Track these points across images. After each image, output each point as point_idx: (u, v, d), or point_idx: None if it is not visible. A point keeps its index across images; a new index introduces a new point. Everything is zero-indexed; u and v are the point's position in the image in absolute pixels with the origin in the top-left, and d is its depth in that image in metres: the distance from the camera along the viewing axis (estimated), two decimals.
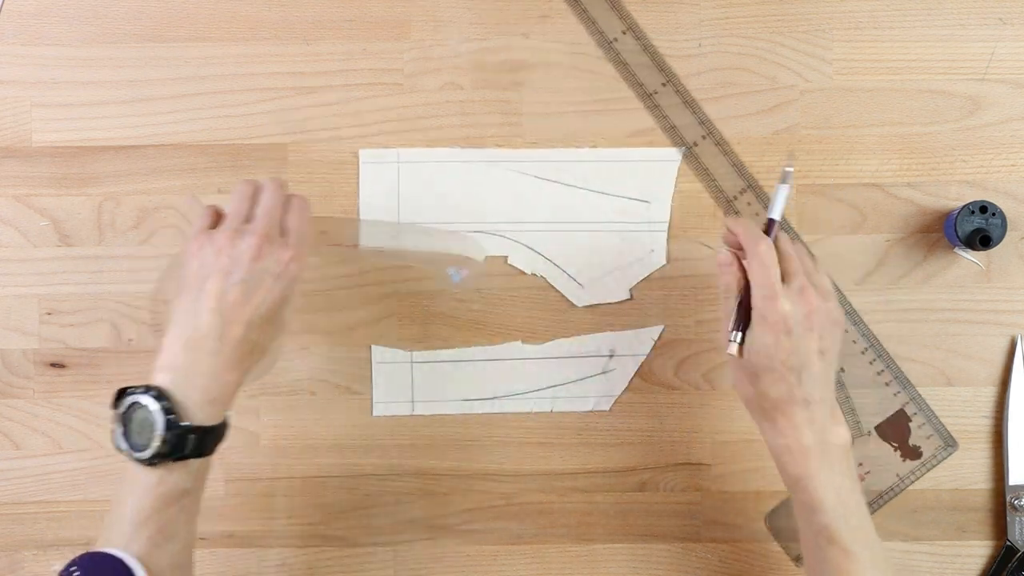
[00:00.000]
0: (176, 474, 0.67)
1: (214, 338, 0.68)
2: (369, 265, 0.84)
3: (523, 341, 0.85)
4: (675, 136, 0.84)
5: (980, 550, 0.85)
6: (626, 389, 0.85)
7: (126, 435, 0.67)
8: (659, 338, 0.85)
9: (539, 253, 0.85)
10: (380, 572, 0.85)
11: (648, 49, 0.84)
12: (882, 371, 0.84)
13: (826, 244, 0.85)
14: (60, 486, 0.85)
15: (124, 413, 0.67)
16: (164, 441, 0.66)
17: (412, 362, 0.85)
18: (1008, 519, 0.84)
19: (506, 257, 0.85)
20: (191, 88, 0.85)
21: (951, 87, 0.85)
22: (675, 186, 0.85)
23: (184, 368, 0.68)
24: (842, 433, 0.71)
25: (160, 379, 0.67)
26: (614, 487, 0.85)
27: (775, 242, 0.72)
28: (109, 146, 0.85)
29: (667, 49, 0.85)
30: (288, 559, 0.85)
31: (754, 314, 0.70)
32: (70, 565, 0.65)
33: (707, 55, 0.85)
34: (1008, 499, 0.83)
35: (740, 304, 0.72)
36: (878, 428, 0.84)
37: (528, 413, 0.85)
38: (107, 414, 0.85)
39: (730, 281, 0.72)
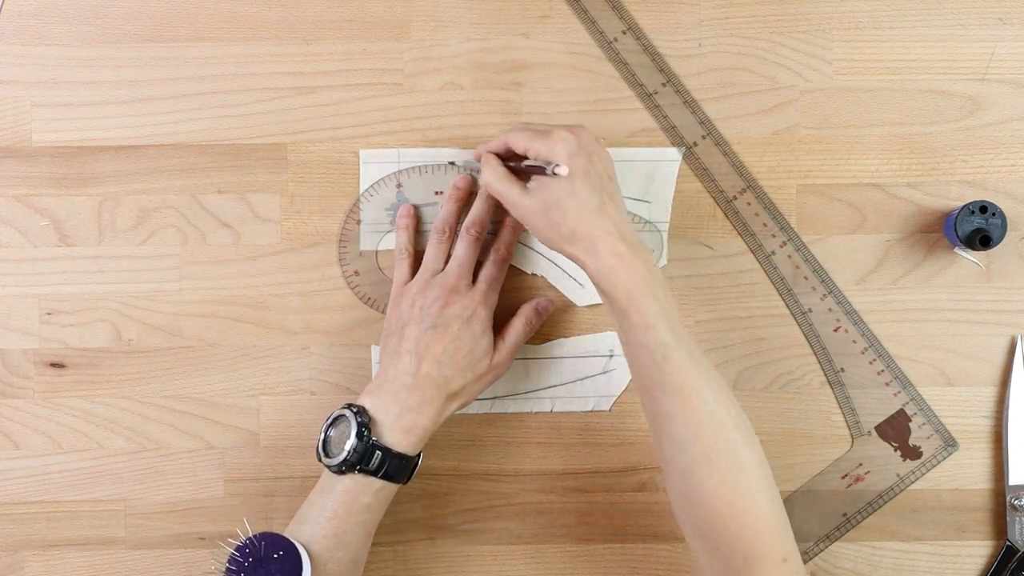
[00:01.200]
0: (360, 487, 0.75)
1: (410, 374, 0.76)
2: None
3: None
4: (675, 136, 0.84)
5: (980, 550, 0.85)
6: (626, 389, 0.85)
7: (326, 445, 0.76)
8: None
9: (540, 253, 0.85)
10: (380, 572, 0.85)
11: (648, 49, 0.84)
12: (882, 371, 0.84)
13: (826, 244, 0.85)
14: (60, 486, 0.85)
15: (329, 425, 0.76)
16: (353, 450, 0.74)
17: None
18: (1008, 519, 0.84)
19: None
20: (191, 88, 0.85)
21: (951, 87, 0.85)
22: (675, 187, 0.85)
23: (384, 397, 0.76)
24: (650, 254, 0.74)
25: (364, 401, 0.76)
26: (614, 487, 0.85)
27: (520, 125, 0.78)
28: (109, 146, 0.85)
29: (667, 49, 0.85)
30: None
31: (538, 156, 0.74)
32: (254, 536, 0.72)
33: (707, 55, 0.85)
34: (1008, 499, 0.83)
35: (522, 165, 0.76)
36: (878, 428, 0.84)
37: (528, 413, 0.85)
38: (107, 414, 0.85)
39: (490, 167, 0.78)
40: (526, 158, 0.76)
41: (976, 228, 0.81)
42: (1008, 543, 0.84)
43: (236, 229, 0.85)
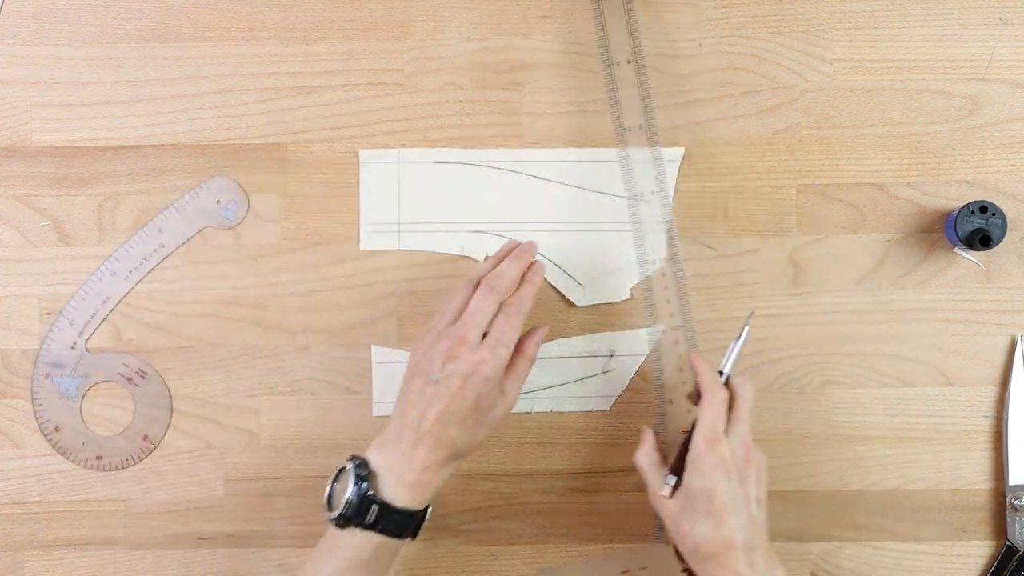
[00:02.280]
0: (359, 542, 0.73)
1: (412, 430, 0.74)
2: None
3: None
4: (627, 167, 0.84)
5: (980, 550, 0.85)
6: (626, 389, 0.85)
7: (330, 498, 0.74)
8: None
9: (539, 253, 0.85)
10: None
11: (643, 86, 0.83)
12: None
13: (826, 244, 0.85)
14: (60, 486, 0.85)
15: (334, 478, 0.74)
16: (348, 503, 0.72)
17: None
18: (1008, 519, 0.84)
19: None
20: (191, 88, 0.85)
21: (951, 87, 0.85)
22: (675, 186, 0.85)
23: (387, 451, 0.74)
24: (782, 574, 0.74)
25: (369, 454, 0.74)
26: (614, 487, 0.85)
27: (731, 384, 0.76)
28: (109, 146, 0.85)
29: (667, 49, 0.85)
30: (288, 559, 0.85)
31: (693, 456, 0.74)
32: None
33: (707, 55, 0.85)
34: (1008, 499, 0.84)
35: (680, 448, 0.75)
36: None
37: (528, 414, 0.85)
38: (107, 414, 0.85)
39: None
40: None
41: (976, 228, 0.81)
42: (1008, 543, 0.84)
43: (236, 229, 0.85)
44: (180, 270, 0.85)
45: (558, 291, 0.85)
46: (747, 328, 0.78)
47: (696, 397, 0.77)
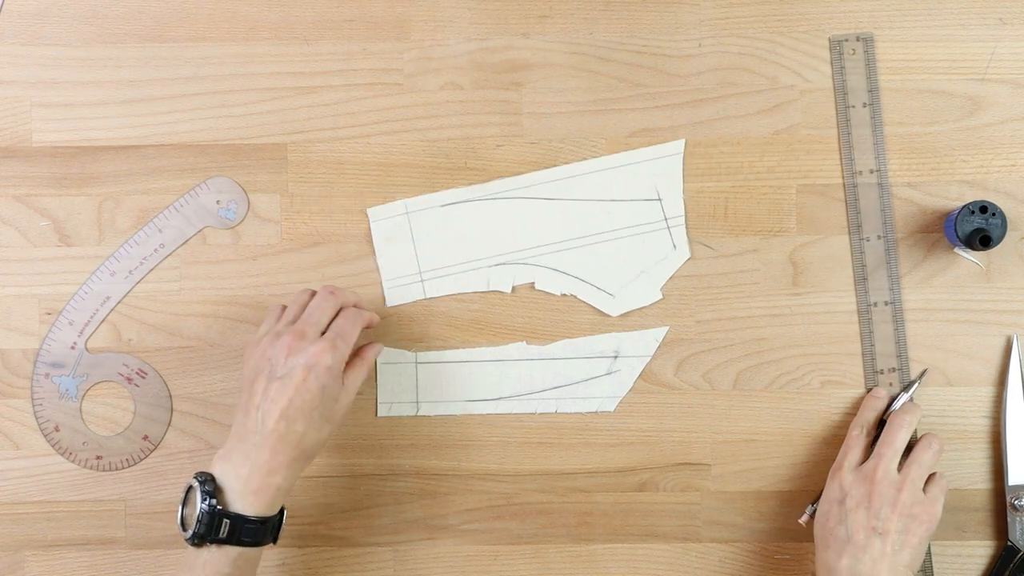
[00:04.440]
0: (217, 558, 0.72)
1: (256, 431, 0.73)
2: None
3: (527, 342, 0.85)
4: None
5: (980, 550, 0.85)
6: (631, 390, 0.85)
7: (184, 520, 0.73)
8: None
9: (564, 272, 0.85)
10: (380, 572, 0.85)
11: (883, 196, 0.84)
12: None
13: (826, 244, 0.85)
14: (60, 486, 0.85)
15: (185, 496, 0.73)
16: (199, 521, 0.71)
17: (416, 363, 0.85)
18: (1008, 519, 0.84)
19: (533, 284, 0.85)
20: (191, 88, 0.85)
21: (951, 87, 0.85)
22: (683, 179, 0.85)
23: (233, 459, 0.73)
24: None
25: (214, 467, 0.73)
26: (614, 487, 0.85)
27: (897, 414, 0.81)
28: (109, 146, 0.85)
29: (667, 49, 0.85)
30: (288, 559, 0.85)
31: (827, 483, 0.79)
32: None
33: (707, 55, 0.85)
34: (1008, 499, 0.83)
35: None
36: None
37: (529, 414, 0.85)
38: (107, 414, 0.85)
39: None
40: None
41: (976, 228, 0.81)
42: (1009, 543, 0.83)
43: (236, 229, 0.85)
44: (180, 270, 0.85)
45: (592, 306, 0.85)
46: (916, 385, 0.84)
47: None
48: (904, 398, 0.83)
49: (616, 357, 0.85)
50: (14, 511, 0.85)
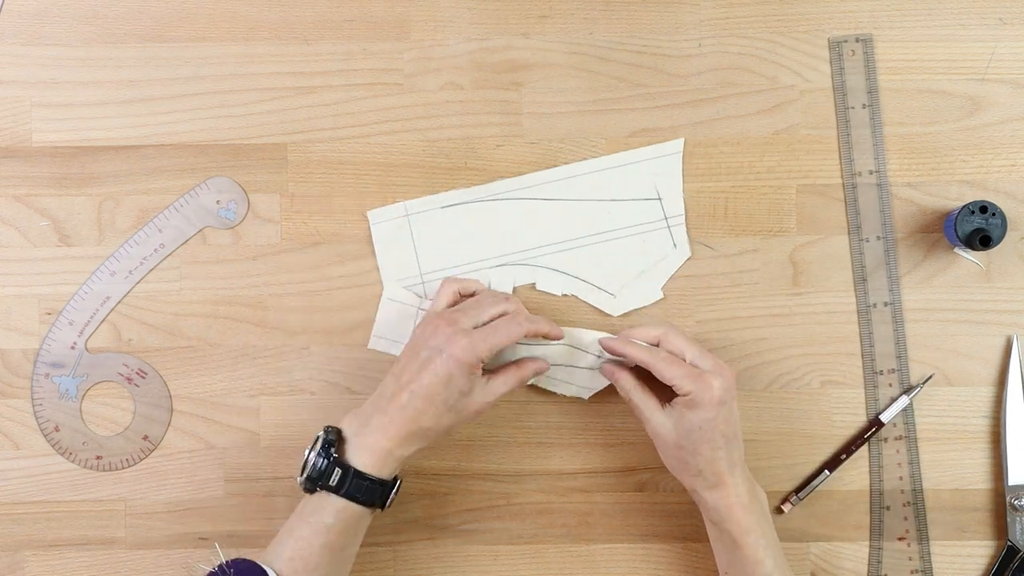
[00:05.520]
0: (323, 506, 0.74)
1: (383, 396, 0.76)
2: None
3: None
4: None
5: (980, 550, 0.85)
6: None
7: (304, 466, 0.75)
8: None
9: (565, 273, 0.85)
10: (380, 572, 0.85)
11: (883, 196, 0.84)
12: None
13: (826, 244, 0.85)
14: (60, 486, 0.85)
15: (311, 448, 0.75)
16: (313, 466, 0.74)
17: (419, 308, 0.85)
18: (1008, 519, 0.84)
19: (534, 284, 0.85)
20: (191, 88, 0.85)
21: (951, 87, 0.85)
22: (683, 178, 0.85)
23: (360, 416, 0.77)
24: (763, 491, 0.79)
25: (343, 420, 0.77)
26: (614, 487, 0.85)
27: (654, 339, 0.79)
28: (109, 146, 0.85)
29: (667, 49, 0.85)
30: None
31: (684, 395, 0.76)
32: (225, 564, 0.73)
33: (707, 55, 0.85)
34: (1008, 499, 0.83)
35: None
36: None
37: (529, 414, 0.85)
38: (107, 414, 0.85)
39: (625, 378, 0.80)
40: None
41: (976, 228, 0.81)
42: (1009, 543, 0.84)
43: (236, 229, 0.85)
44: (180, 270, 0.85)
45: (593, 306, 0.85)
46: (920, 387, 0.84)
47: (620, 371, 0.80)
48: (904, 401, 0.83)
49: (599, 357, 0.83)
50: (14, 511, 0.85)
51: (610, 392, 0.84)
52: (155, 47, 0.85)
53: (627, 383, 0.79)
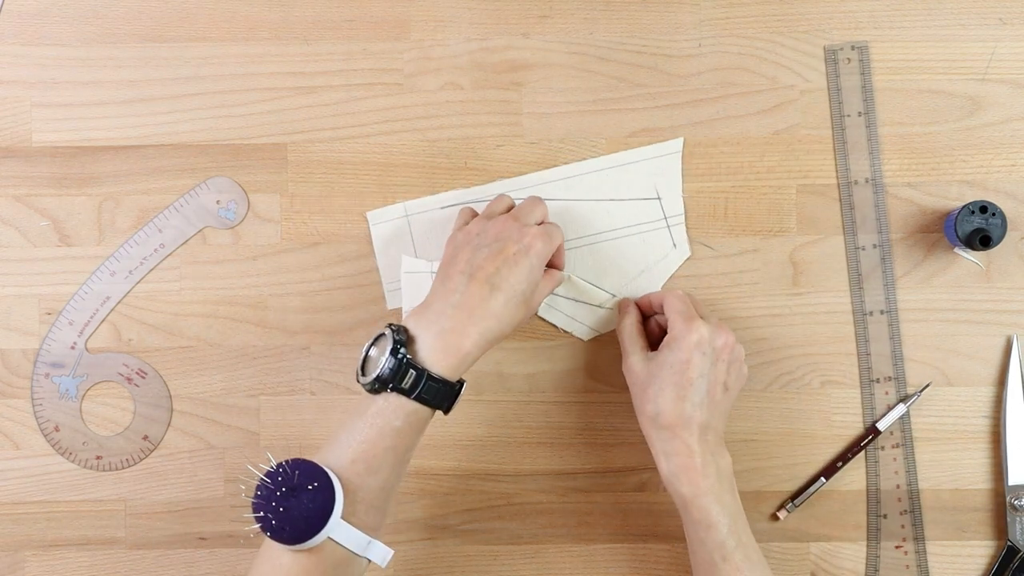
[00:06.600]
0: (393, 408, 0.72)
1: (456, 291, 0.74)
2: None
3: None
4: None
5: (980, 550, 0.85)
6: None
7: (365, 364, 0.73)
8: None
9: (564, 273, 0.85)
10: (380, 572, 0.85)
11: (879, 205, 0.84)
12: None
13: (826, 244, 0.85)
14: (60, 486, 0.85)
15: (371, 344, 0.74)
16: (386, 367, 0.71)
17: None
18: (1008, 519, 0.84)
19: None
20: (191, 88, 0.85)
21: (951, 87, 0.85)
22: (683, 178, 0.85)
23: (428, 316, 0.74)
24: (728, 459, 0.77)
25: (407, 321, 0.74)
26: (614, 487, 0.85)
27: (694, 299, 0.81)
28: (109, 146, 0.85)
29: (667, 49, 0.85)
30: None
31: (672, 333, 0.77)
32: (285, 462, 0.70)
33: (707, 55, 0.85)
34: (1008, 499, 0.83)
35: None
36: None
37: (529, 414, 0.85)
38: (107, 414, 0.85)
39: (631, 312, 0.81)
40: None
41: (976, 228, 0.81)
42: (1009, 543, 0.84)
43: (236, 229, 0.85)
44: (180, 270, 0.85)
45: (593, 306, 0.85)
46: (918, 395, 0.84)
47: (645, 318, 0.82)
48: (901, 410, 0.83)
49: (613, 296, 0.84)
50: (14, 511, 0.85)
51: (610, 392, 0.84)
52: (155, 47, 0.85)
53: (629, 317, 0.81)
